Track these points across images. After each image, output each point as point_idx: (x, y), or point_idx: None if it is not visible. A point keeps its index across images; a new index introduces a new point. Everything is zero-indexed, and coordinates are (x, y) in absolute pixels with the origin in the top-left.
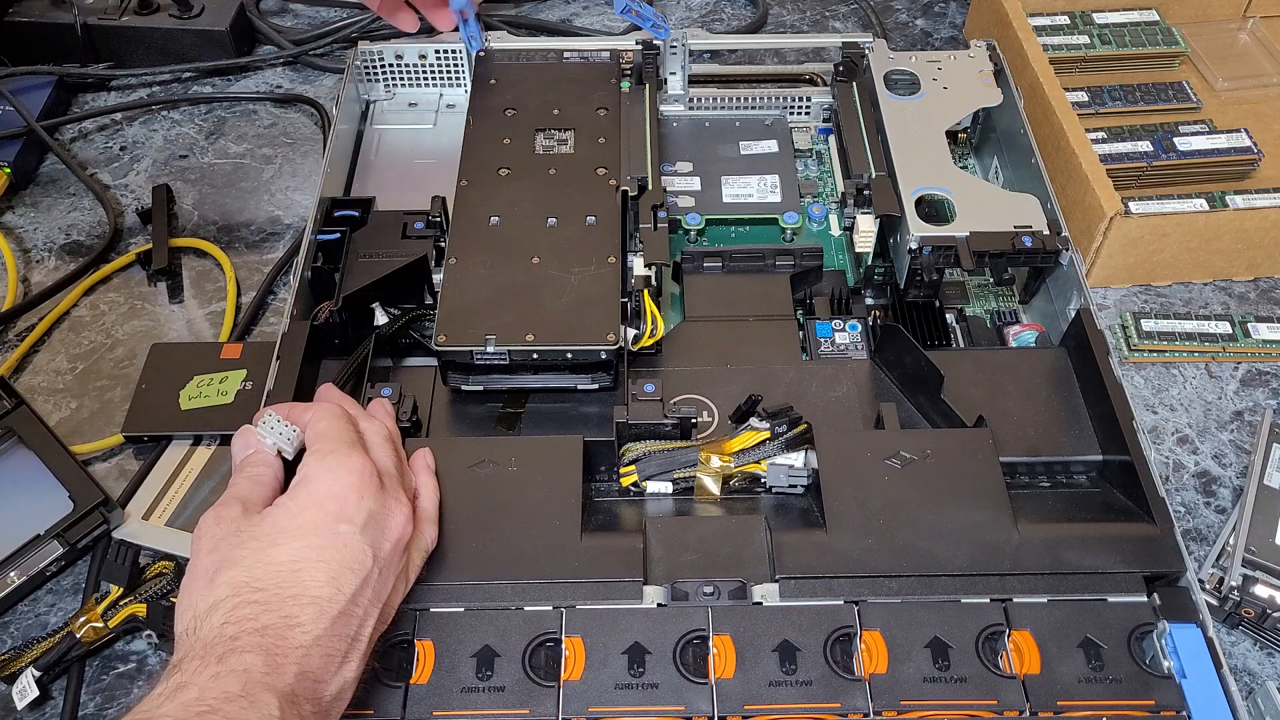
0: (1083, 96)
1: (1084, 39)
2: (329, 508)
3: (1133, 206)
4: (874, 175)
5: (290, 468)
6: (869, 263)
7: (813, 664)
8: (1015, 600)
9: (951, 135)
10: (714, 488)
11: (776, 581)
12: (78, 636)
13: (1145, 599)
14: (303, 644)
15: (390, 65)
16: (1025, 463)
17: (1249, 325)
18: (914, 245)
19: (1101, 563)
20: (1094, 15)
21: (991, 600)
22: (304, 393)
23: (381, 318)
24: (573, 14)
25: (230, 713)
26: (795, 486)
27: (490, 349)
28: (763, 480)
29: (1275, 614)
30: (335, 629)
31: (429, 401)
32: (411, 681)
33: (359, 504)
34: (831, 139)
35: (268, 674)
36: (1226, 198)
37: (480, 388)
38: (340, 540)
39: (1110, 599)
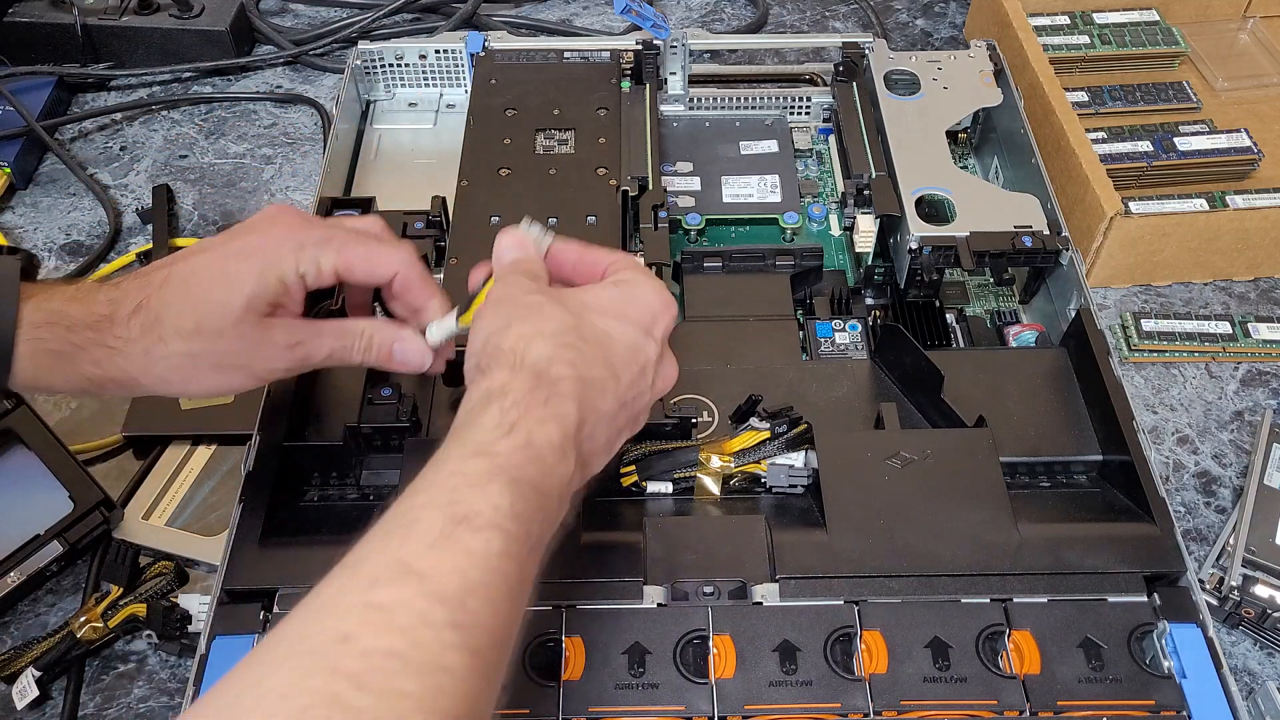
0: (1083, 96)
1: (1084, 39)
2: (643, 315)
3: (1133, 206)
4: (874, 175)
5: None
6: (869, 263)
7: (813, 664)
8: (1015, 600)
9: (951, 135)
10: (714, 488)
11: (776, 581)
12: (78, 636)
13: (1145, 599)
14: (603, 412)
15: (390, 65)
16: (1025, 463)
17: (1249, 325)
18: (914, 245)
19: (1101, 563)
20: (1094, 15)
21: (991, 600)
22: (304, 392)
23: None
24: (573, 14)
25: (549, 463)
26: (795, 486)
27: None
28: (763, 480)
29: (1275, 614)
30: (616, 418)
31: (429, 401)
32: None
33: (662, 329)
34: (831, 139)
35: (578, 429)
36: (1226, 198)
37: None
38: (643, 347)
39: (1110, 599)
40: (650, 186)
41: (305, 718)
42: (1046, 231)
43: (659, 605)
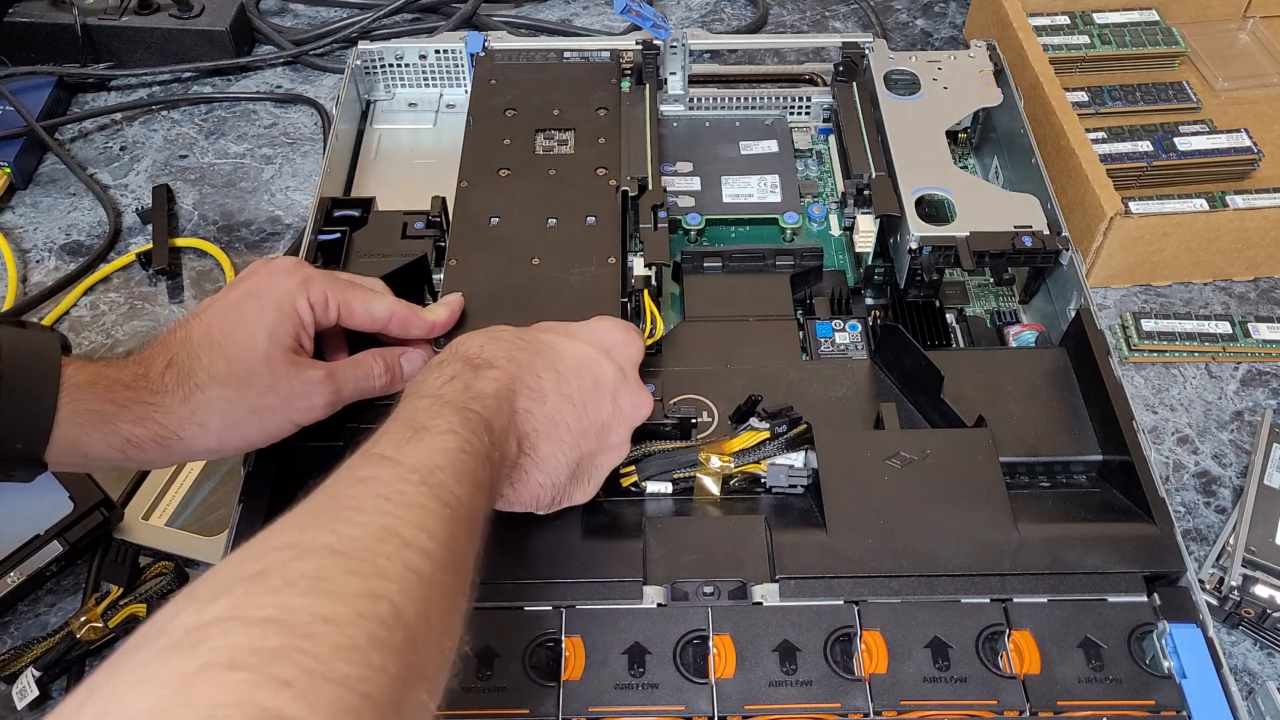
0: (1083, 96)
1: (1084, 39)
2: (598, 337)
3: (1133, 206)
4: (874, 175)
5: None
6: (869, 263)
7: (813, 664)
8: (1015, 600)
9: (951, 135)
10: (714, 488)
11: (776, 581)
12: (78, 636)
13: (1145, 599)
14: (554, 417)
15: (390, 65)
16: (1025, 463)
17: (1249, 325)
18: (914, 245)
19: (1101, 563)
20: (1094, 15)
21: (991, 600)
22: None
23: None
24: (573, 14)
25: (490, 406)
26: (795, 486)
27: None
28: (763, 480)
29: (1275, 614)
30: (579, 434)
31: None
32: None
33: (625, 356)
34: (831, 139)
35: (512, 395)
36: (1226, 198)
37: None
38: (596, 361)
39: (1110, 599)
40: (650, 186)
41: (306, 538)
42: (1046, 231)
43: (659, 605)
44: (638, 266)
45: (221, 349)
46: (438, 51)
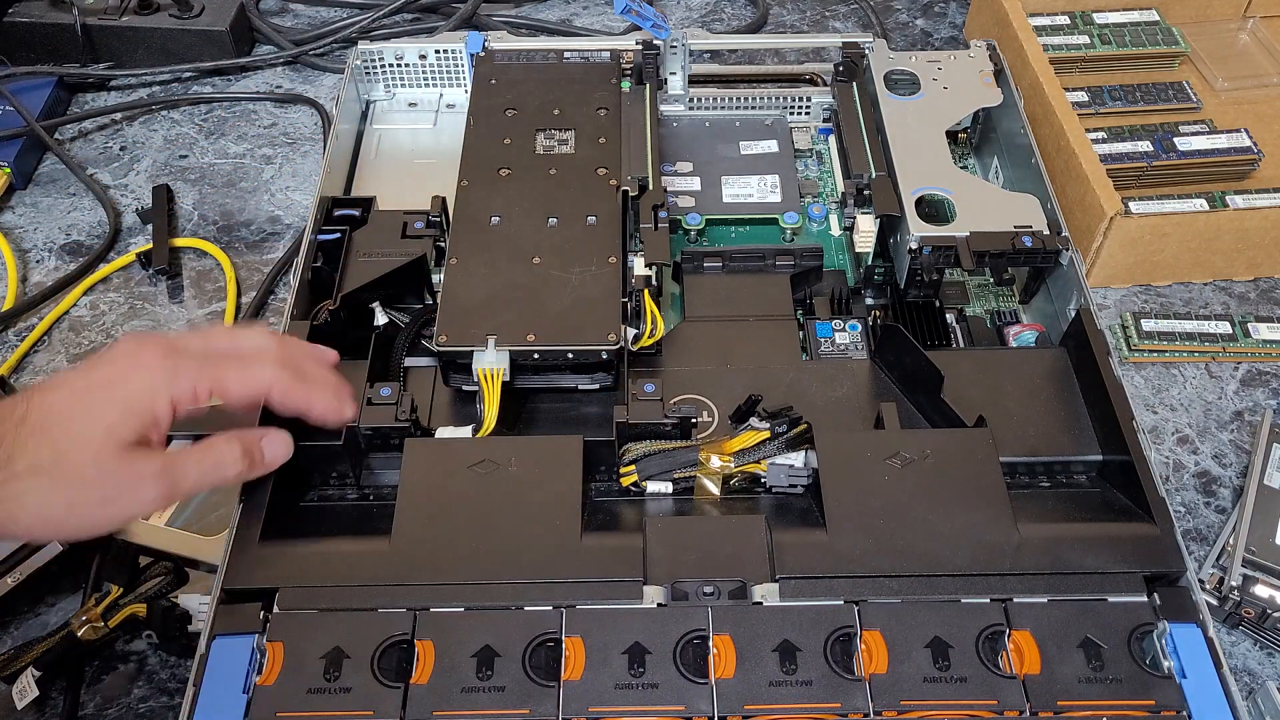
0: (1083, 96)
1: (1084, 39)
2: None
3: (1133, 206)
4: (874, 175)
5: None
6: (869, 263)
7: (813, 664)
8: (1015, 600)
9: (951, 135)
10: (714, 488)
11: (776, 581)
12: (78, 636)
13: (1145, 599)
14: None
15: (390, 65)
16: (1025, 463)
17: (1249, 325)
18: (914, 245)
19: (1101, 563)
20: (1094, 15)
21: (991, 600)
22: None
23: (381, 318)
24: (573, 14)
25: None
26: (795, 486)
27: (491, 349)
28: (763, 480)
29: (1275, 614)
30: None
31: (429, 401)
32: (411, 681)
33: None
34: (831, 139)
35: None
36: (1226, 198)
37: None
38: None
39: (1110, 599)
40: (650, 186)
41: None
42: (1046, 231)
43: (659, 605)
44: (638, 266)
45: (51, 439)
46: (438, 51)
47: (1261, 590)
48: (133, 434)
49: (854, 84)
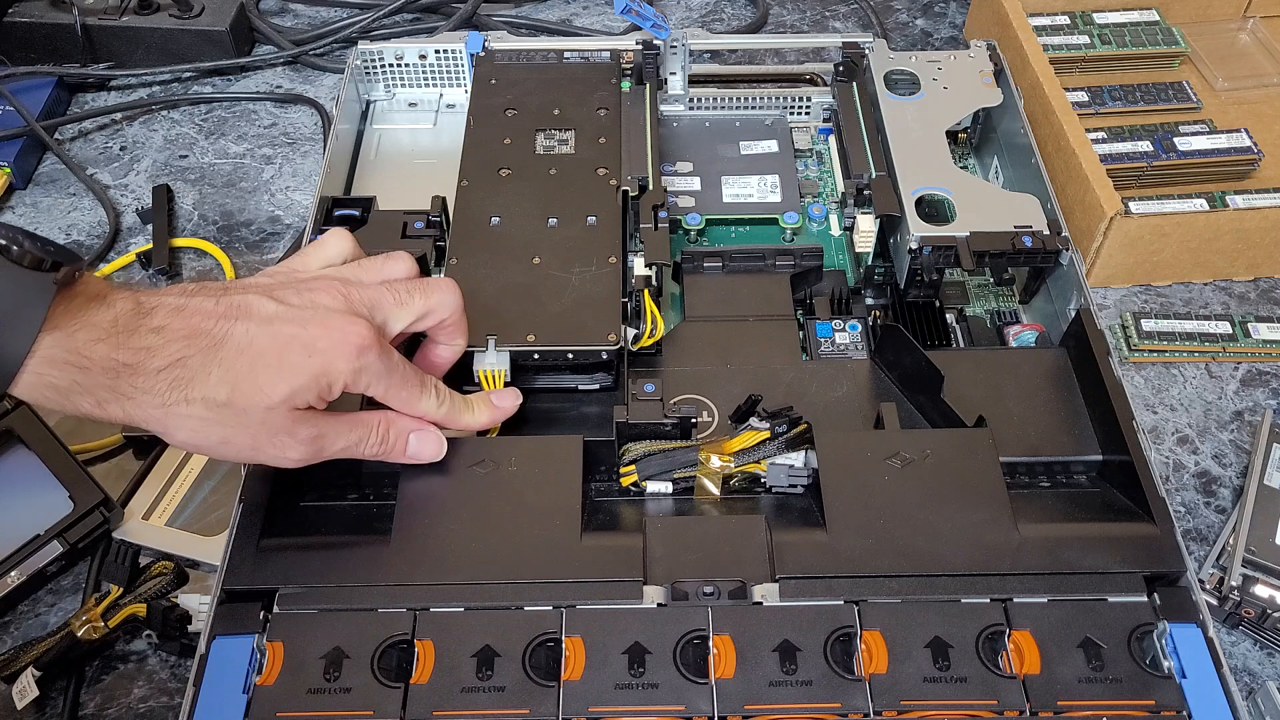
0: (1083, 96)
1: (1084, 39)
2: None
3: (1133, 206)
4: (874, 175)
5: None
6: (869, 263)
7: (813, 664)
8: (1015, 600)
9: (951, 135)
10: (714, 488)
11: (776, 581)
12: (78, 636)
13: (1145, 599)
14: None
15: (390, 65)
16: (1025, 463)
17: (1249, 325)
18: (914, 245)
19: (1101, 563)
20: (1094, 15)
21: (991, 600)
22: None
23: None
24: (573, 14)
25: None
26: (795, 486)
27: (491, 349)
28: (763, 480)
29: (1275, 614)
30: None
31: None
32: (411, 681)
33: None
34: (831, 139)
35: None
36: (1226, 198)
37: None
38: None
39: (1110, 599)
40: (650, 186)
41: None
42: (1046, 231)
43: (659, 605)
44: (638, 266)
45: (234, 380)
46: (438, 51)
47: (1261, 590)
48: (306, 404)
49: (854, 84)
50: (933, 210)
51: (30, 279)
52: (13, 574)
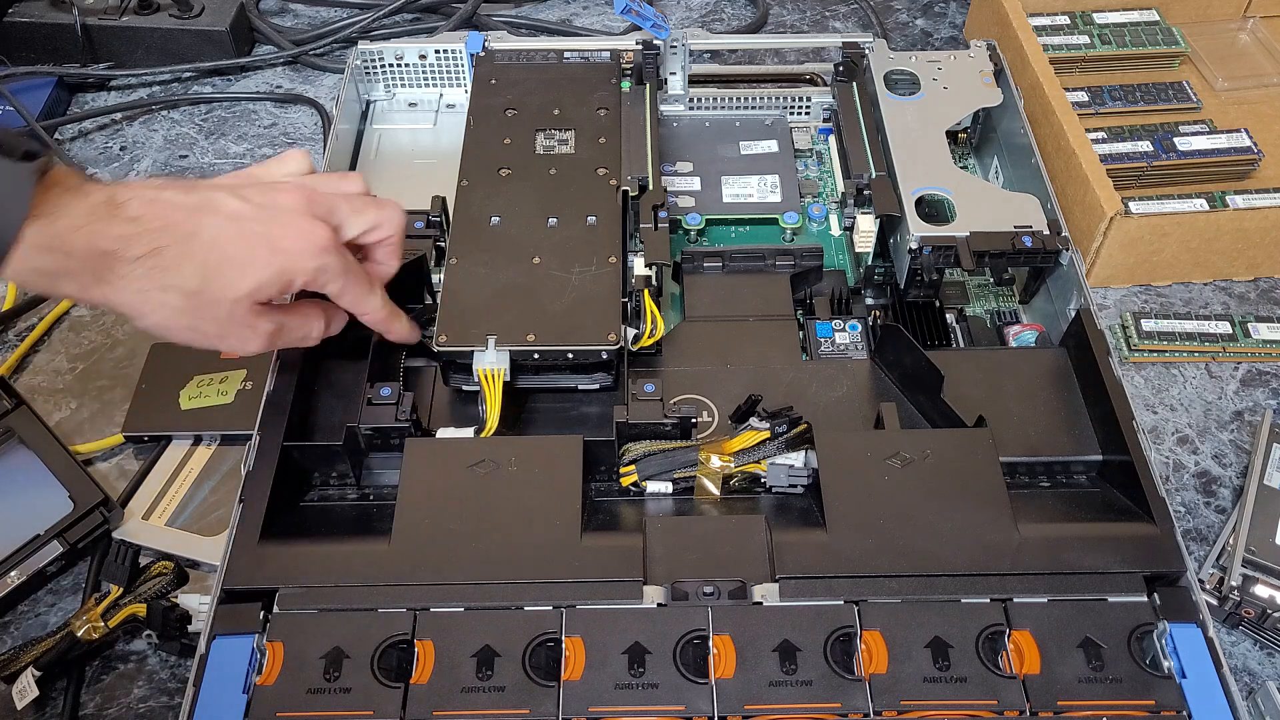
0: (1083, 96)
1: (1084, 39)
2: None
3: (1133, 206)
4: (874, 175)
5: None
6: (869, 263)
7: (813, 664)
8: (1015, 600)
9: (951, 135)
10: (714, 488)
11: (776, 581)
12: (78, 636)
13: (1145, 599)
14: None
15: (390, 65)
16: (1025, 463)
17: (1249, 325)
18: (914, 245)
19: (1101, 563)
20: (1094, 15)
21: (991, 600)
22: (304, 392)
23: None
24: (573, 14)
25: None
26: (795, 486)
27: (491, 349)
28: (763, 480)
29: (1275, 614)
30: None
31: (429, 401)
32: (411, 681)
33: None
34: (831, 139)
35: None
36: (1226, 198)
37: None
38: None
39: (1110, 599)
40: (650, 186)
41: None
42: (1046, 231)
43: (659, 605)
44: (638, 266)
45: (204, 272)
46: (438, 51)
47: (1261, 590)
48: (269, 298)
49: (854, 84)
50: (933, 210)
51: (13, 168)
52: (13, 574)
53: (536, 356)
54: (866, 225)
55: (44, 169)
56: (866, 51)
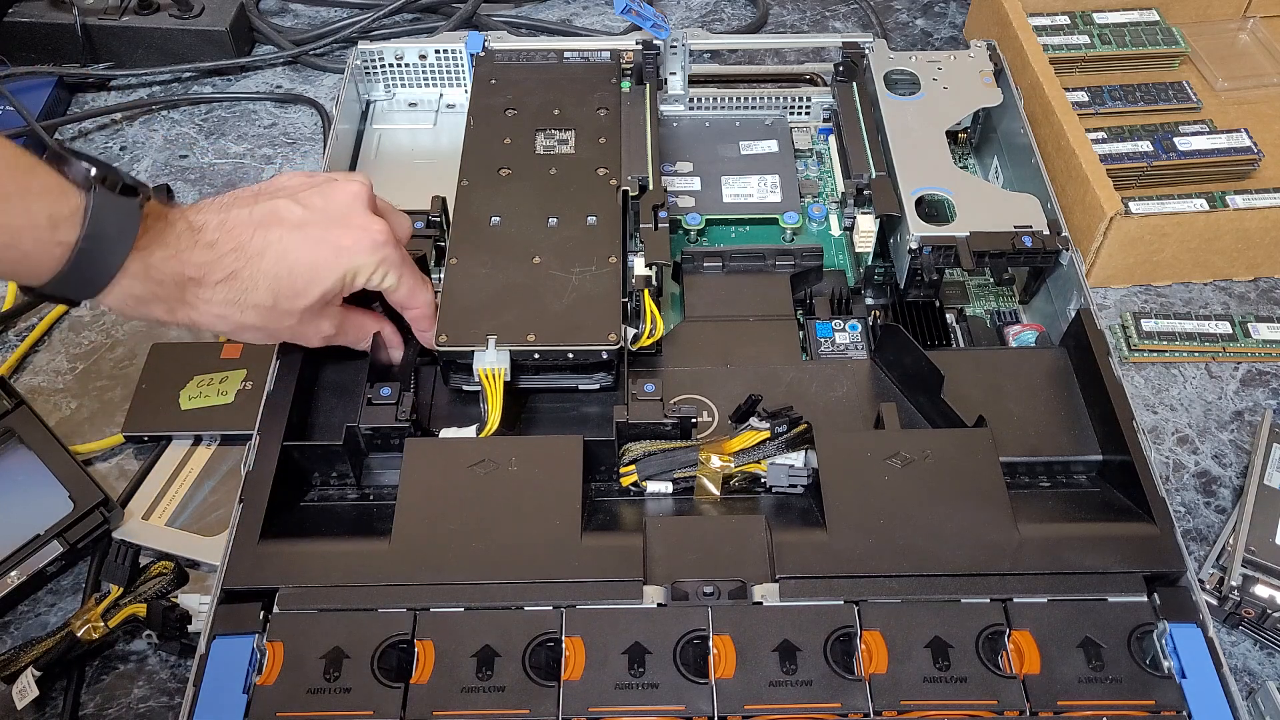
0: (1083, 96)
1: (1084, 39)
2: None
3: (1133, 206)
4: (874, 175)
5: None
6: (869, 263)
7: (813, 664)
8: (1015, 600)
9: (951, 135)
10: (714, 488)
11: (776, 581)
12: (78, 636)
13: (1145, 599)
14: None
15: (390, 65)
16: (1025, 463)
17: (1249, 325)
18: (914, 245)
19: (1101, 563)
20: (1094, 15)
21: (991, 600)
22: (304, 393)
23: None
24: (573, 14)
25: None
26: (795, 486)
27: (491, 349)
28: (763, 480)
29: (1275, 614)
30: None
31: (429, 401)
32: (411, 681)
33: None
34: (831, 139)
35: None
36: (1226, 198)
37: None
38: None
39: (1110, 599)
40: (650, 186)
41: None
42: (1046, 231)
43: (659, 605)
44: (638, 266)
45: (275, 287)
46: (438, 51)
47: (1261, 590)
48: (334, 299)
49: (854, 84)
50: (933, 210)
51: (125, 205)
52: (13, 574)
53: (537, 356)
54: (866, 225)
55: (143, 202)
56: (866, 51)
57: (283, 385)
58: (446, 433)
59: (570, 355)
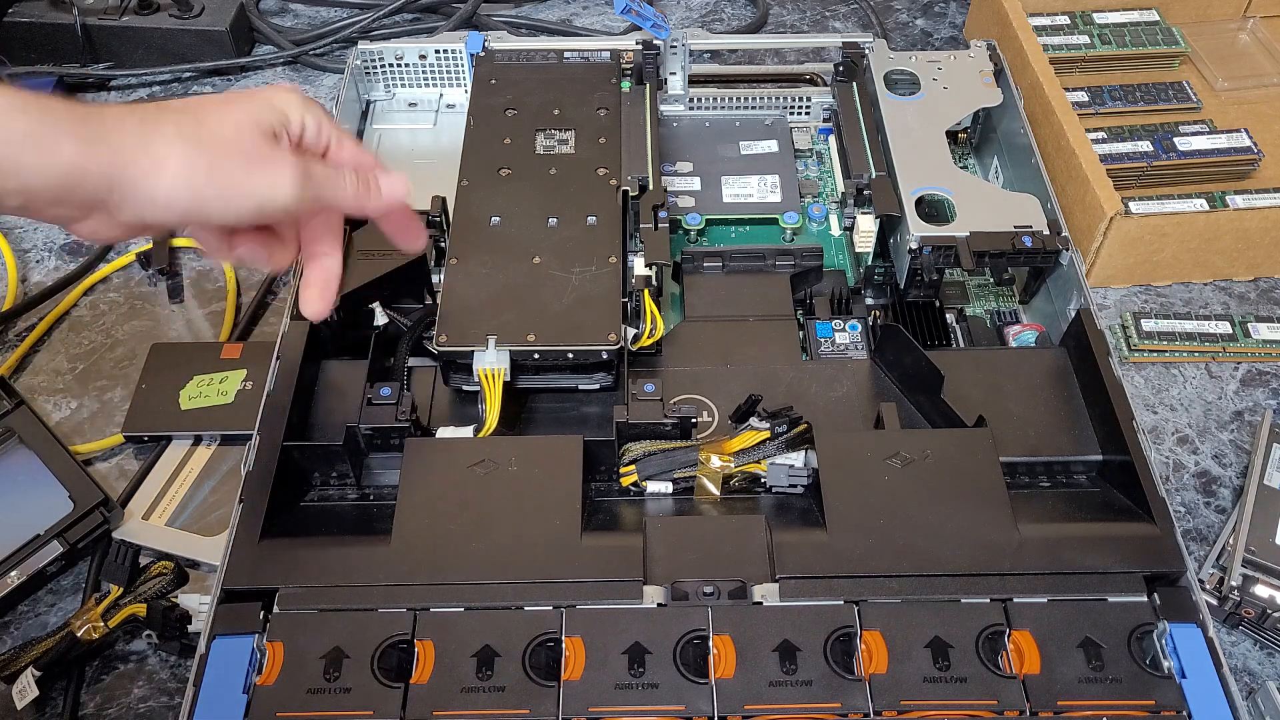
0: (1083, 96)
1: (1084, 39)
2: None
3: (1133, 206)
4: (874, 175)
5: None
6: (869, 263)
7: (813, 664)
8: (1015, 600)
9: (951, 135)
10: (714, 488)
11: (776, 581)
12: (78, 636)
13: (1145, 599)
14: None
15: (390, 65)
16: (1025, 463)
17: (1249, 325)
18: (914, 245)
19: (1101, 563)
20: (1094, 15)
21: (991, 600)
22: (304, 393)
23: (381, 318)
24: (573, 14)
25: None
26: (795, 486)
27: (491, 349)
28: (763, 480)
29: (1275, 614)
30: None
31: (429, 401)
32: (411, 681)
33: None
34: (831, 139)
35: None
36: (1226, 198)
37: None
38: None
39: (1110, 599)
40: (650, 186)
41: None
42: (1046, 231)
43: (659, 605)
44: (638, 266)
45: (195, 115)
46: (438, 51)
47: (1261, 590)
48: (271, 127)
49: (854, 84)
50: (933, 210)
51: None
52: (13, 574)
53: (537, 356)
54: (866, 225)
55: None
56: (866, 51)
57: (283, 385)
58: (444, 432)
59: (570, 355)
